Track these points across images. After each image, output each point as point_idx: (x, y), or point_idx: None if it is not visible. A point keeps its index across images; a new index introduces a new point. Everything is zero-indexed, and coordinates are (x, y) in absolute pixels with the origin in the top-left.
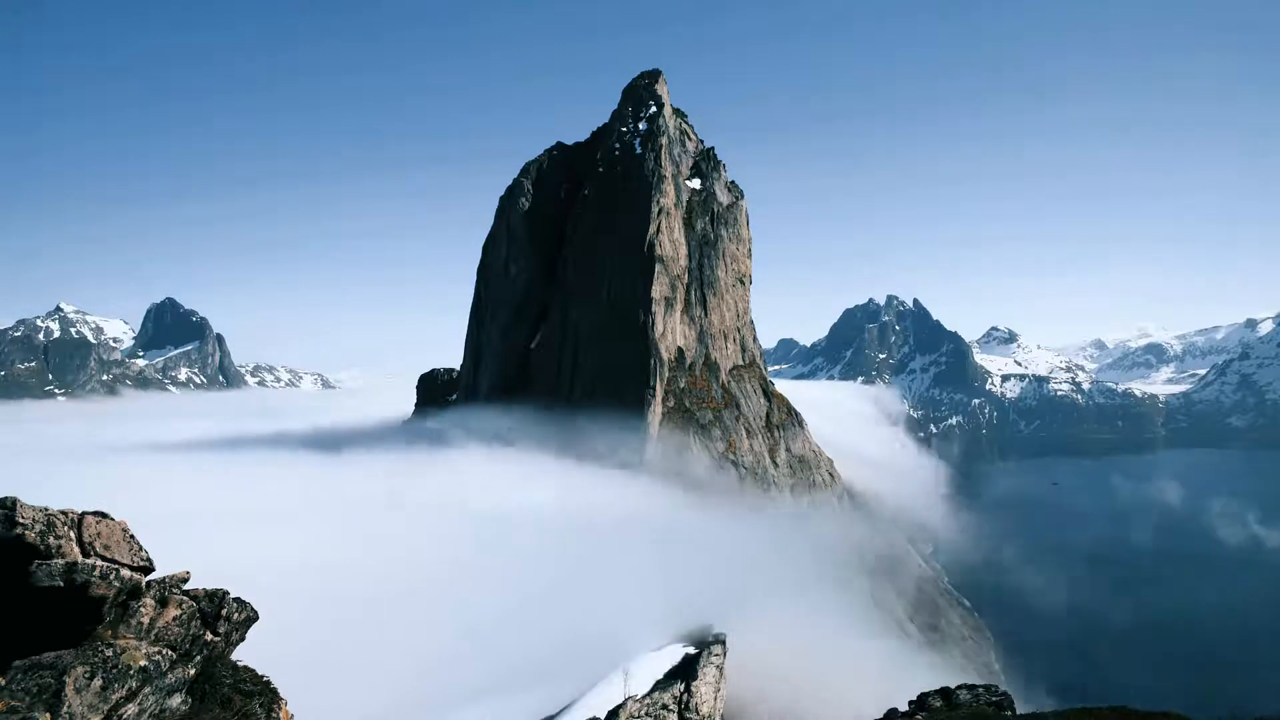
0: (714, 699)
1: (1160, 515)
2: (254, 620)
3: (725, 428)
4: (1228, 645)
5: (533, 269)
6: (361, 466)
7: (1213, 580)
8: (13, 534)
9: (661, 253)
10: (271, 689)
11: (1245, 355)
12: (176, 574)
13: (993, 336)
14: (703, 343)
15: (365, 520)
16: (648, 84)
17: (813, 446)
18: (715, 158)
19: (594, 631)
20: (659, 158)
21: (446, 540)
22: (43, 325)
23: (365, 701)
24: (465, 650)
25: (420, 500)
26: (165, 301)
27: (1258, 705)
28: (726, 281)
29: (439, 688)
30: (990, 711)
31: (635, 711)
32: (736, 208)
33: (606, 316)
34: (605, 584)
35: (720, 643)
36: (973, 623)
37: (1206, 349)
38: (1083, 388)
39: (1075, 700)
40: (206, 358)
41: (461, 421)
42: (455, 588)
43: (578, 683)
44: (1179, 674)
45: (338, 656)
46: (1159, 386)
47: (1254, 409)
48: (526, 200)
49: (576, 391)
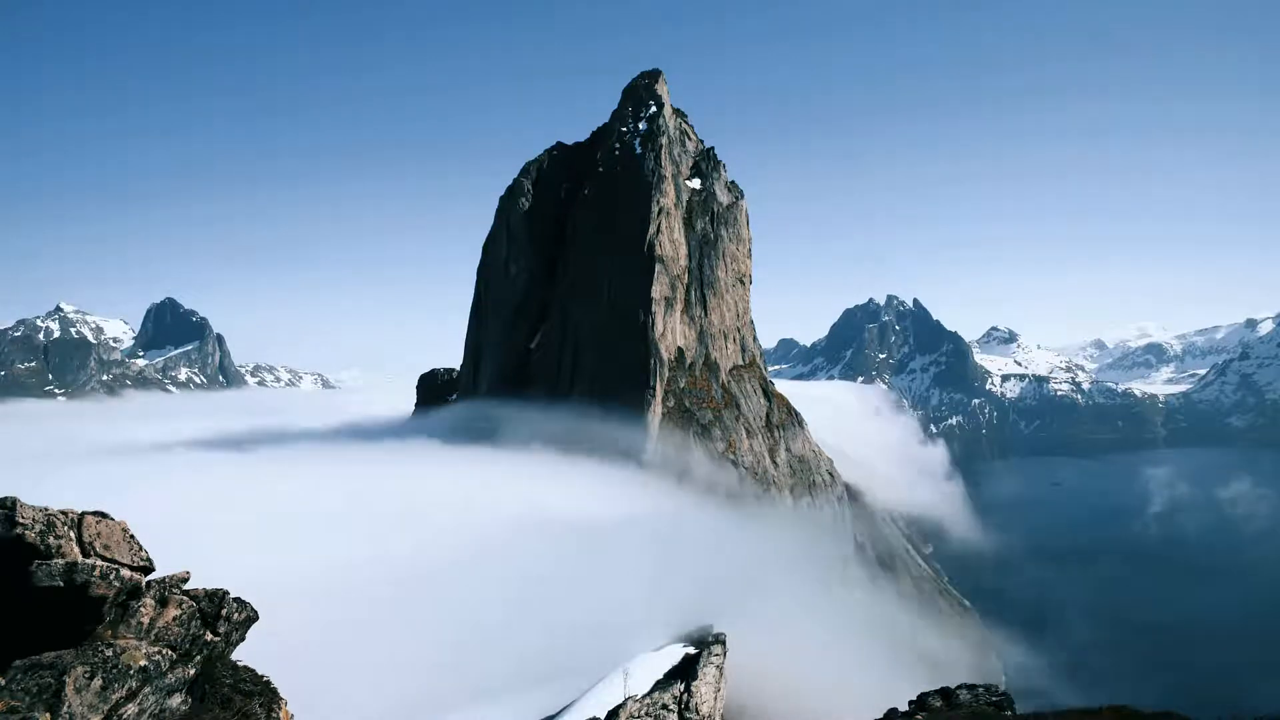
0: (714, 699)
1: (1160, 515)
2: (254, 620)
3: (725, 428)
4: (1228, 645)
5: (533, 269)
6: (361, 467)
7: (1213, 580)
8: (13, 534)
9: (661, 253)
10: (271, 689)
11: (1245, 355)
12: (176, 574)
13: (993, 336)
14: (703, 343)
15: (365, 521)
16: (648, 84)
17: (812, 446)
18: (715, 158)
19: (594, 631)
20: (659, 158)
21: (445, 540)
22: (43, 325)
23: (365, 702)
24: (464, 651)
25: (420, 500)
26: (165, 301)
27: (1258, 705)
28: (726, 281)
29: (439, 688)
30: (990, 711)
31: (635, 711)
32: (736, 208)
33: (606, 316)
34: (605, 584)
35: (720, 643)
36: (973, 623)
37: (1206, 349)
38: (1083, 388)
39: (1076, 700)
40: (206, 358)
41: (461, 421)
42: (454, 588)
43: (578, 683)
44: (1179, 674)
45: (338, 656)
46: (1159, 386)
47: (1254, 409)
48: (526, 200)
49: (576, 391)
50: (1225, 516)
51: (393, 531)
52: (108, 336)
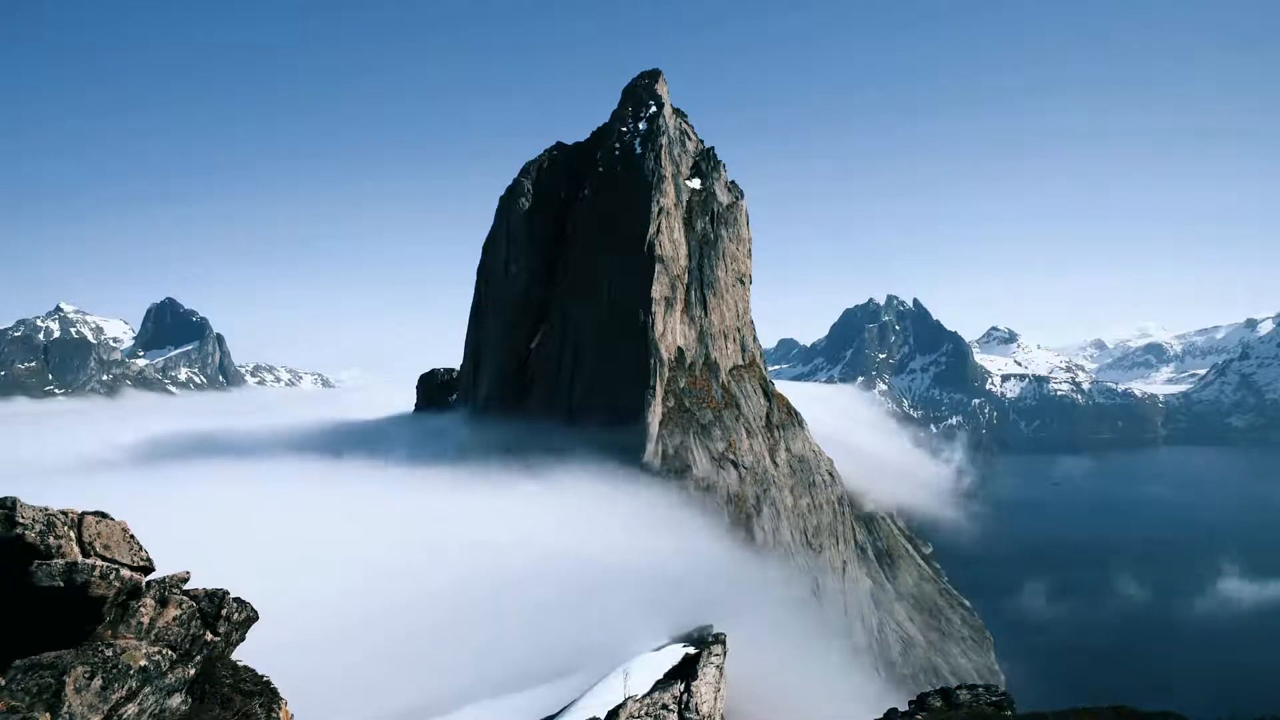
0: (714, 699)
1: (1160, 515)
2: (254, 620)
3: (725, 428)
4: (1228, 645)
5: (532, 269)
6: (362, 469)
7: (1213, 580)
8: (13, 534)
9: (661, 253)
10: (271, 689)
11: (1245, 355)
12: (176, 574)
13: (993, 336)
14: (703, 343)
15: (364, 521)
16: (647, 84)
17: (813, 446)
18: (715, 158)
19: (594, 631)
20: (659, 158)
21: (445, 541)
22: (43, 325)
23: (364, 702)
24: (465, 651)
25: (420, 501)
26: (165, 301)
27: (1257, 705)
28: (726, 281)
29: (439, 688)
30: (990, 711)
31: (635, 711)
32: (736, 208)
33: (606, 316)
34: (605, 584)
35: (720, 643)
36: (973, 623)
37: (1206, 349)
38: (1083, 388)
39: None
40: (206, 358)
41: (461, 420)
42: (454, 588)
43: (578, 683)
44: (1178, 674)
45: (337, 657)
46: (1159, 386)
47: (1254, 409)
48: (526, 200)
49: (576, 391)
50: (1225, 516)
51: (392, 532)
52: (108, 336)
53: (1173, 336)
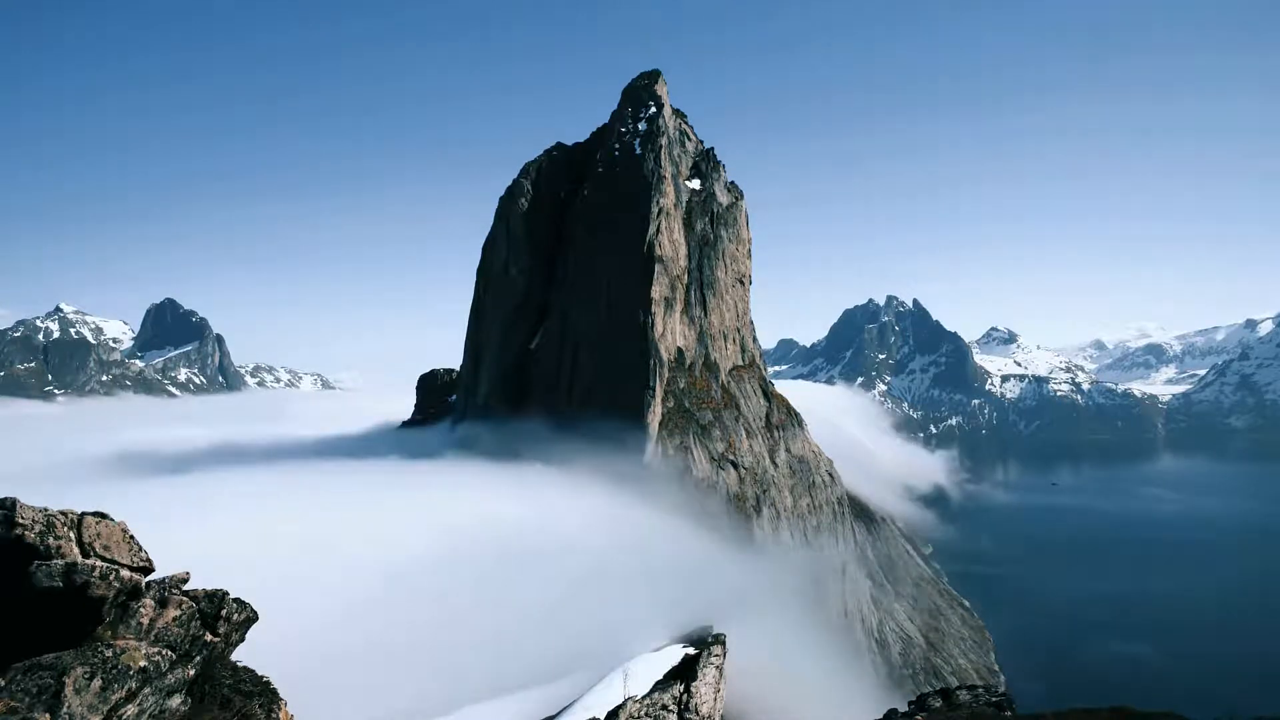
0: (714, 699)
1: (1160, 515)
2: (254, 620)
3: (725, 428)
4: (1228, 645)
5: (532, 270)
6: (363, 469)
7: (1213, 580)
8: (12, 534)
9: (661, 253)
10: (271, 689)
11: (1245, 356)
12: (176, 574)
13: (992, 337)
14: (702, 343)
15: (364, 521)
16: (647, 84)
17: (812, 447)
18: (715, 158)
19: (594, 632)
20: (659, 158)
21: (445, 542)
22: (42, 326)
23: (364, 703)
24: (464, 652)
25: (419, 501)
26: (165, 302)
27: (1257, 705)
28: (726, 282)
29: (439, 688)
30: (990, 711)
31: (635, 711)
32: (736, 208)
33: (606, 317)
34: (604, 584)
35: (720, 643)
36: (973, 623)
37: (1206, 349)
38: (1082, 388)
39: (1075, 700)
40: (206, 358)
41: (461, 420)
42: (453, 589)
43: (578, 683)
44: (1178, 674)
45: (337, 657)
46: (1159, 387)
47: (1254, 409)
48: (526, 201)
49: (576, 392)
50: (1225, 516)
51: (391, 533)
52: (107, 337)
53: (1172, 337)
